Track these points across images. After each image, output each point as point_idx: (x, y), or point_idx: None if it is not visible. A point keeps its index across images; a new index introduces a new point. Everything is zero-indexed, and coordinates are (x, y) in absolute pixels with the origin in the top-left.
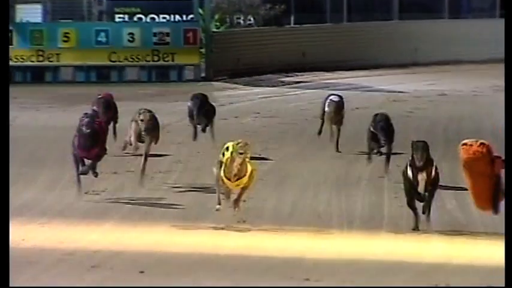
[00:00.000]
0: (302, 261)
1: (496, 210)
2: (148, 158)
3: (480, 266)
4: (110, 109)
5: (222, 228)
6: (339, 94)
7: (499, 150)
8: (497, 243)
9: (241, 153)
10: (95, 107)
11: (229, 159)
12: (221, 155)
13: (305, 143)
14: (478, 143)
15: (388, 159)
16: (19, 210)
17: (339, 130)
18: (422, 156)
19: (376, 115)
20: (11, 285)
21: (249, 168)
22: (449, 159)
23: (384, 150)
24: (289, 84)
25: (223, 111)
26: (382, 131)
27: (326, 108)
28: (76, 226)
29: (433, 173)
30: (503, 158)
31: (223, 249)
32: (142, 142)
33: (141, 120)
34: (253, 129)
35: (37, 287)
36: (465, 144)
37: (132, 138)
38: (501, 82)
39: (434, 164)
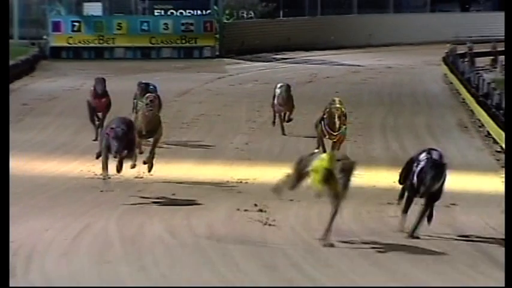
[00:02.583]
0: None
1: None
2: (177, 112)
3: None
4: None
5: (232, 163)
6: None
7: (427, 106)
8: None
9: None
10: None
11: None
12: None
13: (294, 100)
14: None
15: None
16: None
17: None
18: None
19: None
20: (10, 285)
21: None
22: (393, 113)
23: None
24: (278, 60)
25: (232, 79)
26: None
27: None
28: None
29: None
30: None
31: (233, 177)
32: None
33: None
34: (253, 92)
35: (38, 287)
36: None
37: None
38: (429, 58)
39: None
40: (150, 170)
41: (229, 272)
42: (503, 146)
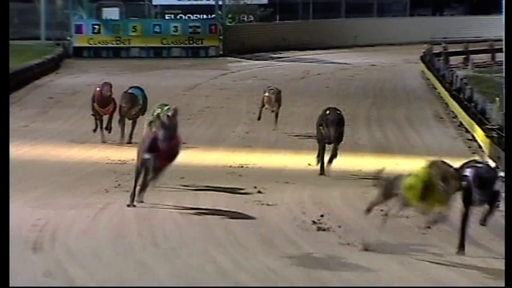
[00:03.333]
0: (283, 170)
1: None
2: (185, 105)
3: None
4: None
5: (234, 150)
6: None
7: (406, 99)
8: (406, 159)
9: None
10: None
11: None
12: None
13: (286, 94)
14: None
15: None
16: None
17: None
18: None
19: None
20: (10, 285)
21: None
22: (377, 105)
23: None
24: (275, 58)
25: (234, 76)
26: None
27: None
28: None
29: None
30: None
31: (235, 162)
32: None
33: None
34: (253, 87)
35: (37, 287)
36: None
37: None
38: (409, 57)
39: None
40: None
41: (231, 245)
42: (474, 134)
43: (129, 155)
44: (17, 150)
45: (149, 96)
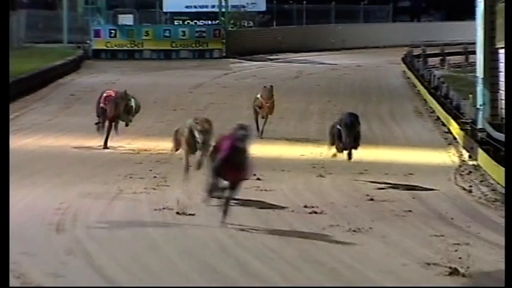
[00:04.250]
0: (280, 159)
1: None
2: (192, 101)
3: (382, 161)
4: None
5: None
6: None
7: (389, 96)
8: (389, 149)
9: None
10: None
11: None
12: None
13: (283, 91)
14: None
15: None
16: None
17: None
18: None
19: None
20: (10, 285)
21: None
22: (363, 101)
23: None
24: (272, 60)
25: (235, 75)
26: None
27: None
28: (156, 140)
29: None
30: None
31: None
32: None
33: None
34: (252, 85)
35: (37, 287)
36: None
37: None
38: (391, 58)
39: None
40: None
41: (232, 225)
42: (450, 128)
43: (141, 146)
44: (42, 142)
45: (160, 92)
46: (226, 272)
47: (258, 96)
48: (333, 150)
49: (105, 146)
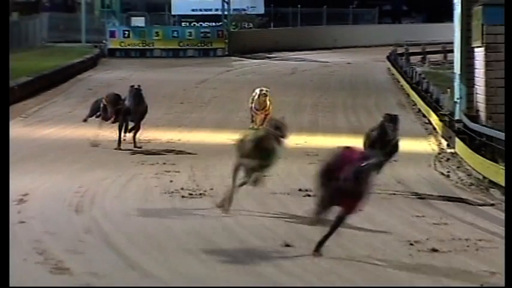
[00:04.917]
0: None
1: None
2: (197, 95)
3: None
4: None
5: (238, 131)
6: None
7: (375, 90)
8: None
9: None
10: None
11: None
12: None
13: (280, 86)
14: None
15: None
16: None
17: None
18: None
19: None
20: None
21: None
22: (352, 95)
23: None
24: (270, 58)
25: (237, 72)
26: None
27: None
28: (165, 130)
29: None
30: None
31: None
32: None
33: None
34: (252, 81)
35: (37, 286)
36: None
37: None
38: (377, 56)
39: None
40: None
41: (233, 207)
42: (430, 119)
43: (152, 135)
44: (62, 132)
45: (169, 87)
46: (227, 247)
47: (254, 94)
48: None
49: (119, 147)
